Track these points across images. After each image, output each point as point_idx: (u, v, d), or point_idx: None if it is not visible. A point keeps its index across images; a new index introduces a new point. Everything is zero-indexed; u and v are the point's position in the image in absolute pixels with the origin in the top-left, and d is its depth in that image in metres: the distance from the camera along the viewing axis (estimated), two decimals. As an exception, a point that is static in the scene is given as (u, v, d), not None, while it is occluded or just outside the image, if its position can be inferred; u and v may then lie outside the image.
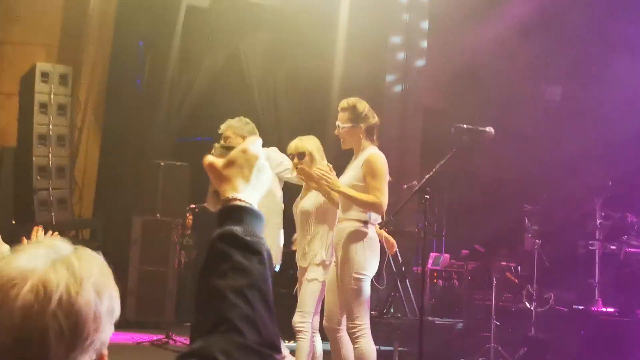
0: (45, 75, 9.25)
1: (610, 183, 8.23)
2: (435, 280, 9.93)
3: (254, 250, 1.45)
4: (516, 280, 8.65)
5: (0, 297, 1.27)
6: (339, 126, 5.40)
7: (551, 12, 10.04)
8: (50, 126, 9.26)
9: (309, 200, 5.82)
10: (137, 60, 10.25)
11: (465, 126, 5.41)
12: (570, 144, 9.56)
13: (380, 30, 10.24)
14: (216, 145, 1.67)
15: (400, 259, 9.16)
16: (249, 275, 1.42)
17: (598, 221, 8.11)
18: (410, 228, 9.26)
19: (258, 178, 1.56)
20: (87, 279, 1.34)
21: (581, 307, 8.14)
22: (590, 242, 8.23)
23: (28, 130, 9.29)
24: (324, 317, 5.50)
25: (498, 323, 7.88)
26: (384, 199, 5.17)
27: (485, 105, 9.90)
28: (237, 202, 1.51)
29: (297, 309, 5.64)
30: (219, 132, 6.14)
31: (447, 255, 10.37)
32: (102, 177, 10.19)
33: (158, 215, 9.71)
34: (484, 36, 9.81)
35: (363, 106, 5.40)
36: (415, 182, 9.21)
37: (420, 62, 10.46)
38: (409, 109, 10.36)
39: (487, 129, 5.51)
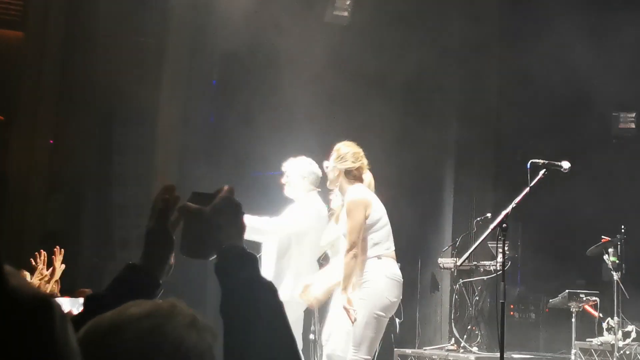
0: (123, 116, 9.50)
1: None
2: (512, 313, 9.80)
3: None
4: (596, 315, 8.45)
5: None
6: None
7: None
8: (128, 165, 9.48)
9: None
10: (211, 97, 10.44)
11: (541, 161, 5.38)
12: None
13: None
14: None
15: (476, 292, 9.10)
16: None
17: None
18: (485, 260, 9.18)
19: None
20: None
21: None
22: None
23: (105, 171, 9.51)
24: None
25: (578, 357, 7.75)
26: (352, 243, 5.39)
27: (558, 134, 9.77)
28: None
29: None
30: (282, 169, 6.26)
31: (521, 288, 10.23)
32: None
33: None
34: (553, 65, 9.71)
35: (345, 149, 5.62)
36: (489, 215, 9.15)
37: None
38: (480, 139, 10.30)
39: (563, 163, 5.47)
